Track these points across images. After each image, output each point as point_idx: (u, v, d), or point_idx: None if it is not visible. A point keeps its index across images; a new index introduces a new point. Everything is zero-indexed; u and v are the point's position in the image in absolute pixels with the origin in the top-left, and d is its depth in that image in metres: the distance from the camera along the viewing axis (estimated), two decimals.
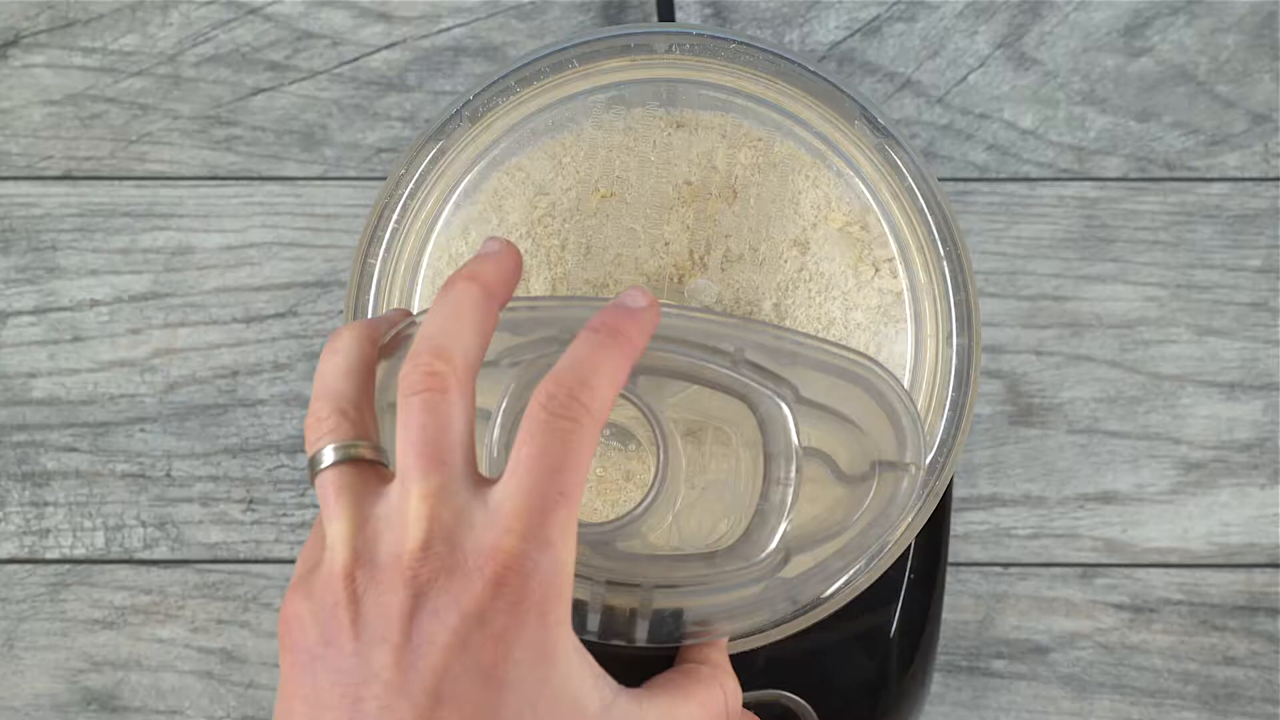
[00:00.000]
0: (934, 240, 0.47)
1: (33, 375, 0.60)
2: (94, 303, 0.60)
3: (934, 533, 0.50)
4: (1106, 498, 0.59)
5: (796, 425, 0.40)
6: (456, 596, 0.34)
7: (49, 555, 0.60)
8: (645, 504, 0.40)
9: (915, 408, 0.40)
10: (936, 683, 0.59)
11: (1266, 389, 0.59)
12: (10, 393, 0.60)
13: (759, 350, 0.40)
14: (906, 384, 0.47)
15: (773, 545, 0.39)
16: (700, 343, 0.40)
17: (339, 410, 0.37)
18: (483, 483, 0.36)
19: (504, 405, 0.39)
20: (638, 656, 0.39)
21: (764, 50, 0.48)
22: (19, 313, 0.60)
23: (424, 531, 0.34)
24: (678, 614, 0.40)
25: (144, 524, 0.60)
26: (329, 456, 0.36)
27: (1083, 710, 0.59)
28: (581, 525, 0.40)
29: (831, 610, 0.45)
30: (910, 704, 0.51)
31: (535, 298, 0.40)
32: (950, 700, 0.59)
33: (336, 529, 0.35)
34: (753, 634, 0.44)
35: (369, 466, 0.37)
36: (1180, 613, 0.59)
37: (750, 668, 0.47)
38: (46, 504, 0.60)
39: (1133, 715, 0.59)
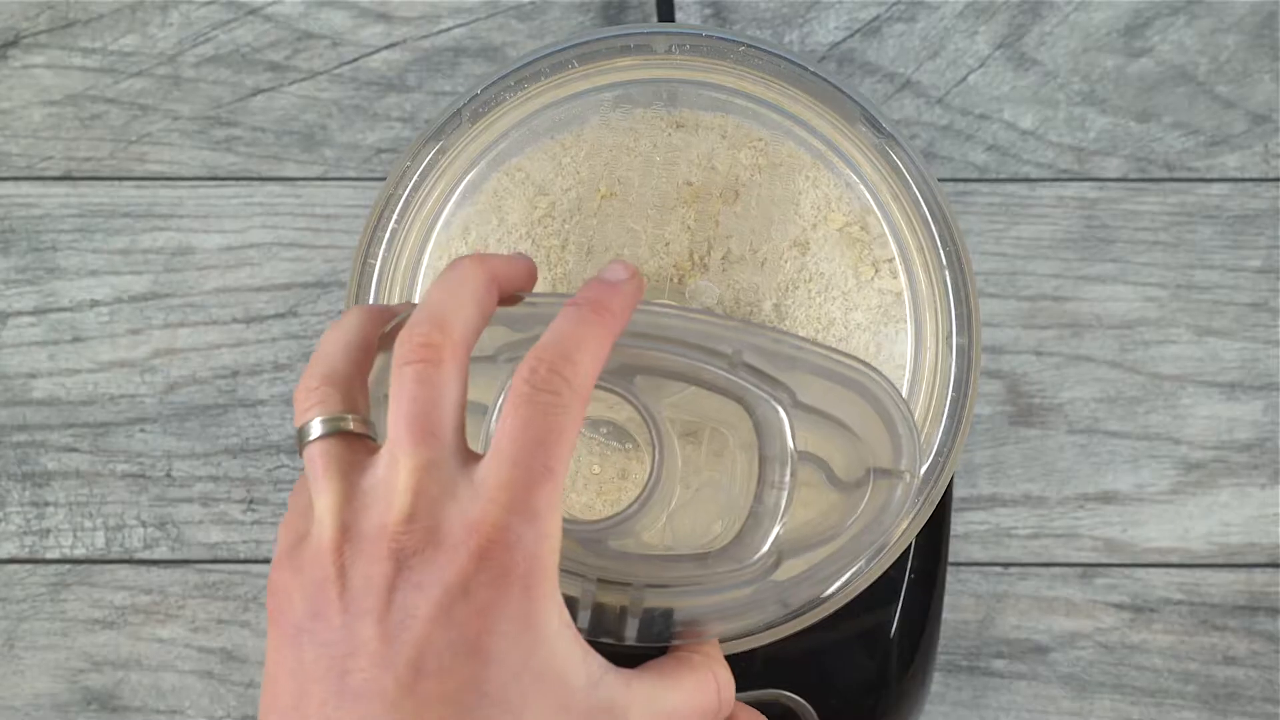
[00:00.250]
0: (934, 241, 0.47)
1: (33, 375, 0.60)
2: (94, 303, 0.60)
3: (934, 533, 0.50)
4: (1106, 498, 0.59)
5: (793, 430, 0.40)
6: (441, 568, 0.34)
7: (49, 555, 0.60)
8: (639, 503, 0.40)
9: (912, 416, 0.40)
10: (936, 683, 0.59)
11: (1266, 389, 0.59)
12: (10, 393, 0.60)
13: (757, 353, 0.40)
14: (906, 384, 0.47)
15: (765, 548, 0.39)
16: (699, 344, 0.40)
17: (330, 382, 0.37)
18: (472, 458, 0.35)
19: (500, 401, 0.39)
20: (631, 655, 0.39)
21: (764, 51, 0.48)
22: (19, 313, 0.60)
23: (409, 504, 0.34)
24: (668, 614, 0.40)
25: (144, 524, 0.60)
26: (317, 429, 0.36)
27: (1083, 710, 0.59)
28: (575, 523, 0.40)
29: (831, 610, 0.45)
30: (910, 704, 0.51)
31: (534, 294, 0.40)
32: (950, 700, 0.59)
33: (324, 502, 0.35)
34: (744, 636, 0.44)
35: (357, 439, 0.36)
36: (1180, 613, 0.59)
37: (750, 667, 0.47)
38: (47, 504, 0.60)
39: (1133, 715, 0.59)
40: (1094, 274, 0.60)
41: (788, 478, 0.39)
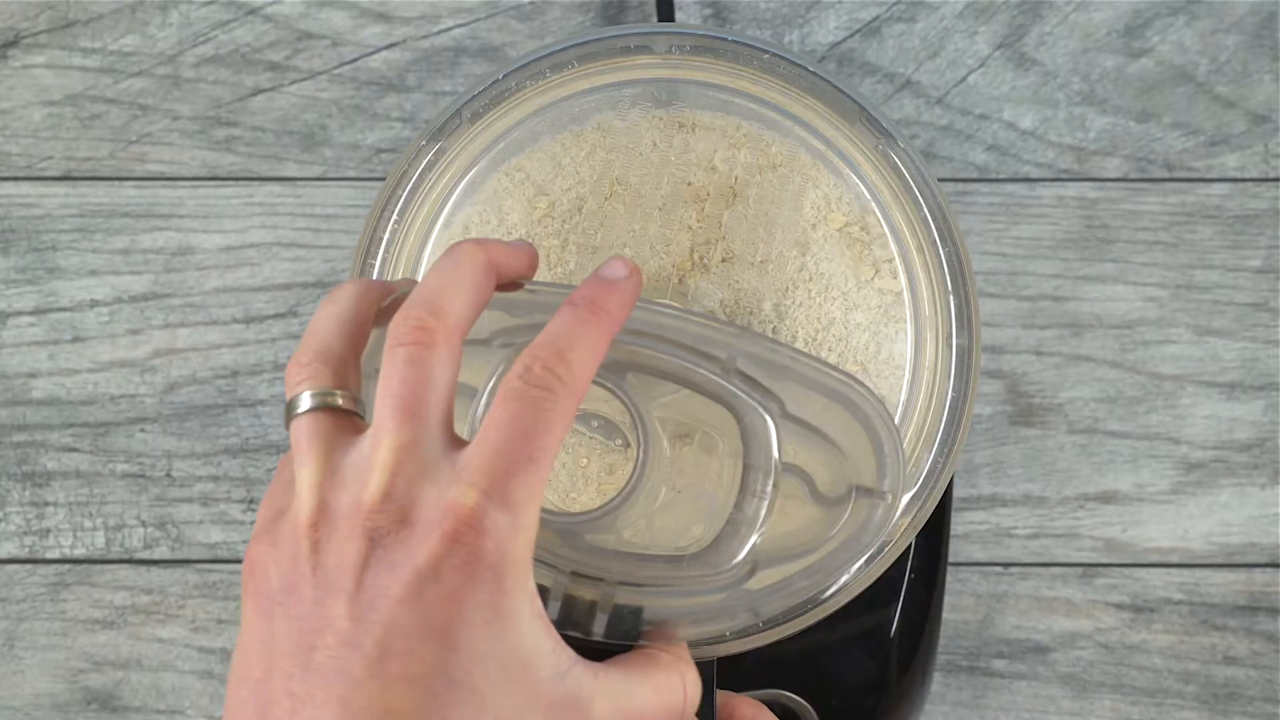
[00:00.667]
0: (934, 241, 0.47)
1: (33, 375, 0.60)
2: (94, 303, 0.60)
3: (934, 533, 0.50)
4: (1106, 498, 0.59)
5: (779, 440, 0.40)
6: (412, 550, 0.34)
7: (49, 555, 0.60)
8: (620, 499, 0.40)
9: (899, 437, 0.40)
10: (936, 683, 0.59)
11: (1266, 389, 0.59)
12: (10, 393, 0.60)
13: (751, 361, 0.40)
14: (906, 384, 0.47)
15: (740, 556, 0.39)
16: (693, 346, 0.40)
17: (322, 358, 0.37)
18: (457, 443, 0.35)
19: (491, 385, 0.39)
20: (605, 651, 0.39)
21: (764, 51, 0.48)
22: (19, 313, 0.60)
23: (385, 483, 0.34)
24: (637, 612, 0.40)
25: (144, 524, 0.60)
26: (305, 403, 0.36)
27: (1083, 710, 0.59)
28: (554, 514, 0.40)
29: (831, 610, 0.45)
30: (910, 704, 0.51)
31: (535, 282, 0.40)
32: (950, 700, 0.59)
33: (305, 477, 0.35)
34: (713, 641, 0.44)
35: (344, 416, 0.36)
36: (1180, 612, 0.59)
37: (750, 667, 0.47)
38: (47, 504, 0.60)
39: (1133, 715, 0.59)
40: (1094, 274, 0.60)
41: (770, 488, 0.39)
